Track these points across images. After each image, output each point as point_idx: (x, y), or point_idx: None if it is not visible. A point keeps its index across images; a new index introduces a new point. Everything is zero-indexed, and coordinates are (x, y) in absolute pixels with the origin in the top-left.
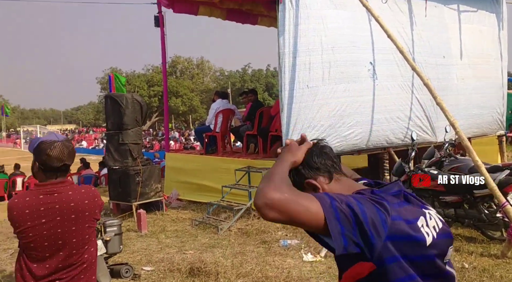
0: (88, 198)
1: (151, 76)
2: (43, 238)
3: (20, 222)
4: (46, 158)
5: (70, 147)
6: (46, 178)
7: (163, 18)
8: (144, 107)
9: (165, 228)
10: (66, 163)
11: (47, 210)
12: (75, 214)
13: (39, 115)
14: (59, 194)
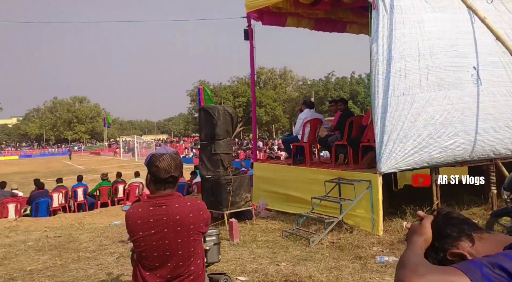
0: (193, 211)
1: (236, 88)
2: (153, 248)
3: (133, 231)
4: (155, 170)
5: (177, 160)
6: (156, 189)
7: (252, 31)
8: (234, 118)
9: (256, 237)
10: (173, 175)
11: (156, 221)
12: (180, 226)
13: (136, 126)
14: (166, 206)
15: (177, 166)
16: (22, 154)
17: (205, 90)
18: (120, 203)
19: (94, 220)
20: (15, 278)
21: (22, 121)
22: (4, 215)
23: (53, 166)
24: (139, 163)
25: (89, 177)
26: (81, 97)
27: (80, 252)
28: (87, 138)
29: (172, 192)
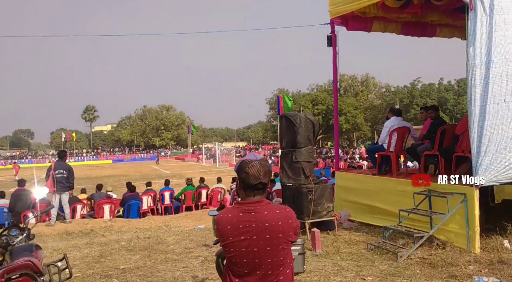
0: (282, 219)
1: (316, 95)
2: (242, 254)
3: (224, 236)
4: (245, 176)
5: (266, 167)
6: (245, 195)
7: (336, 37)
8: (316, 126)
9: (339, 249)
10: (262, 181)
11: (245, 227)
12: (269, 234)
13: (217, 133)
14: (255, 213)
15: (266, 172)
16: (115, 158)
17: (284, 98)
18: (203, 208)
19: (179, 223)
20: (110, 276)
21: (116, 128)
22: (100, 215)
23: (142, 170)
24: (220, 169)
25: (174, 182)
26: (168, 105)
27: (168, 254)
28: (173, 144)
29: (261, 199)
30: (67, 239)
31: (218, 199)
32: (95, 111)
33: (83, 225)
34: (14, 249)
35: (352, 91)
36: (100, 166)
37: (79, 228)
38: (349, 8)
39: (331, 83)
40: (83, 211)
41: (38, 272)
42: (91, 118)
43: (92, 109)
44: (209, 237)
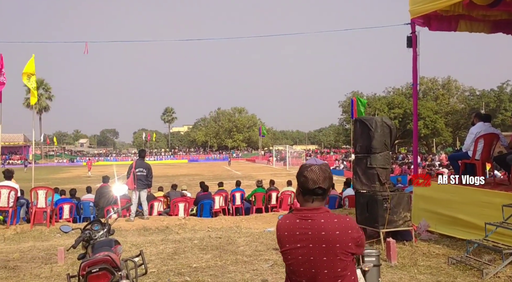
0: (340, 229)
1: (392, 98)
2: (299, 262)
3: (281, 243)
4: (303, 180)
5: (327, 172)
6: (304, 200)
7: (416, 38)
8: (393, 130)
9: (416, 261)
10: (322, 186)
11: (302, 235)
12: (325, 243)
13: (287, 136)
14: (312, 220)
15: (326, 178)
16: (190, 158)
17: (358, 101)
18: (273, 210)
19: (250, 224)
20: (183, 274)
21: (192, 129)
22: (175, 213)
23: (215, 171)
24: (290, 172)
25: (245, 183)
26: (240, 107)
27: (238, 255)
28: (244, 146)
29: (320, 206)
30: (144, 235)
31: (288, 203)
32: (173, 113)
33: (160, 222)
34: (96, 243)
35: (432, 94)
36: (176, 165)
37: (155, 224)
38: (431, 7)
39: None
40: (160, 208)
41: (116, 267)
42: (170, 119)
43: (170, 111)
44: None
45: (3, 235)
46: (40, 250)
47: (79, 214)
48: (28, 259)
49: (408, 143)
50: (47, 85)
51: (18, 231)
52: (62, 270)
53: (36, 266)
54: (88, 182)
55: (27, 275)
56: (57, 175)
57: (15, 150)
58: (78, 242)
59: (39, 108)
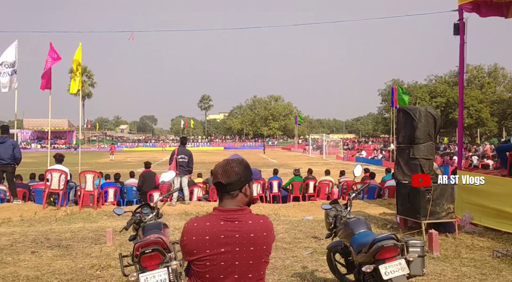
0: (266, 230)
1: (434, 87)
2: (220, 269)
3: (198, 249)
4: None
5: (231, 167)
6: (219, 199)
7: (464, 25)
8: (438, 120)
9: (460, 254)
10: (220, 181)
11: (227, 238)
12: (253, 246)
13: (324, 124)
14: (239, 222)
15: (226, 172)
16: (226, 145)
17: (398, 90)
18: (311, 199)
19: (288, 212)
20: None
21: (228, 117)
22: (214, 199)
23: (250, 158)
24: (327, 161)
25: (281, 171)
26: (276, 96)
27: (277, 242)
28: (280, 134)
29: (243, 207)
30: (185, 219)
31: (326, 192)
32: (210, 101)
33: (200, 207)
34: (146, 225)
35: (477, 82)
36: (213, 152)
37: (196, 209)
38: None
39: (452, 73)
40: (199, 194)
41: (167, 248)
42: (206, 107)
43: (207, 98)
44: (318, 229)
45: (55, 215)
46: (89, 231)
47: (122, 197)
48: (79, 239)
49: (450, 133)
50: (90, 72)
51: (68, 212)
52: (110, 250)
53: (86, 245)
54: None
55: (79, 254)
56: (100, 160)
57: (60, 134)
58: (130, 224)
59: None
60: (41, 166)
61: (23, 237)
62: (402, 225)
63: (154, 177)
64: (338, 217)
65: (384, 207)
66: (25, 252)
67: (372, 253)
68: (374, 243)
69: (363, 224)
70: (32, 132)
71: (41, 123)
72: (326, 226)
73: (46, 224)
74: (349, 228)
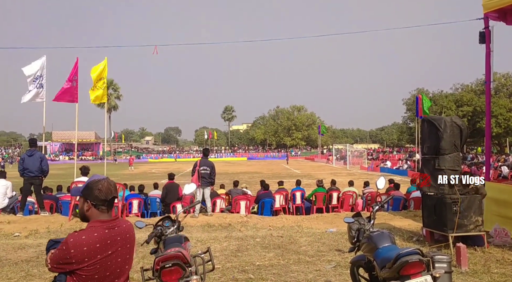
0: (132, 229)
1: (460, 96)
2: (107, 268)
3: (90, 256)
4: (98, 193)
5: (113, 182)
6: (100, 213)
7: (490, 33)
8: (464, 131)
9: (489, 268)
10: (115, 195)
11: (113, 242)
12: (129, 243)
13: (348, 134)
14: (118, 227)
15: (115, 187)
16: (249, 156)
17: (423, 99)
18: (334, 211)
19: (311, 224)
20: (247, 271)
21: (251, 127)
22: (237, 210)
23: (274, 169)
24: (350, 171)
25: (304, 182)
26: (299, 106)
27: (300, 255)
28: (303, 144)
29: (116, 215)
30: (208, 231)
31: (350, 203)
32: (233, 111)
33: (222, 219)
34: (167, 239)
35: (505, 91)
36: (236, 163)
37: (218, 221)
38: (508, 0)
39: (479, 82)
40: (222, 205)
41: (187, 262)
42: (229, 118)
43: (230, 109)
44: (341, 242)
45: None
46: None
47: (146, 209)
48: None
49: (478, 142)
50: (116, 85)
51: None
52: (133, 263)
53: None
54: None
55: None
56: (125, 171)
57: (87, 146)
58: (151, 237)
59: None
60: (68, 177)
61: None
62: (429, 238)
63: (177, 188)
64: (361, 230)
65: (410, 219)
66: None
67: (396, 269)
68: (398, 258)
69: (386, 238)
70: (61, 144)
71: (69, 136)
72: (349, 240)
73: None
74: (372, 242)
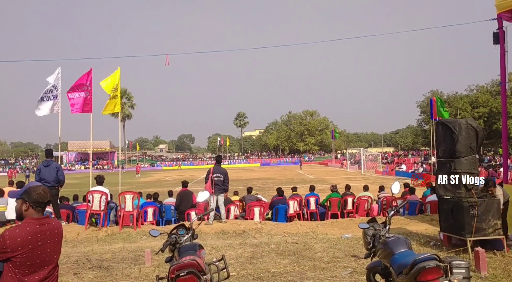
0: (61, 227)
1: (476, 97)
2: (37, 256)
3: (23, 246)
4: (37, 197)
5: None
6: (37, 212)
7: (504, 33)
8: (480, 133)
9: (510, 273)
10: (50, 199)
11: (42, 235)
12: (57, 237)
13: (361, 138)
14: (48, 224)
15: (49, 193)
16: (263, 162)
17: (438, 101)
18: (349, 216)
19: (326, 230)
20: (262, 278)
21: (263, 133)
22: (251, 217)
23: (287, 174)
24: (365, 176)
25: (318, 187)
26: (312, 110)
27: (316, 262)
28: (316, 149)
29: (47, 215)
30: (222, 238)
31: (365, 208)
32: (245, 118)
33: (237, 226)
34: (181, 247)
35: None
36: (249, 169)
37: (233, 228)
38: None
39: (494, 83)
40: (236, 212)
41: (202, 271)
42: (242, 124)
43: (242, 115)
44: (357, 247)
45: (96, 236)
46: (129, 251)
47: (161, 216)
48: (119, 260)
49: (494, 144)
50: (129, 94)
51: (109, 233)
52: (149, 271)
53: (126, 266)
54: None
55: (119, 275)
56: (140, 179)
57: (102, 155)
58: (166, 246)
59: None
60: (84, 187)
61: (66, 258)
62: (446, 243)
63: (191, 196)
64: (376, 236)
65: (426, 223)
66: (67, 274)
67: (413, 275)
68: (415, 264)
69: (403, 243)
70: (76, 154)
71: (84, 145)
72: (364, 246)
73: (88, 244)
74: (388, 247)
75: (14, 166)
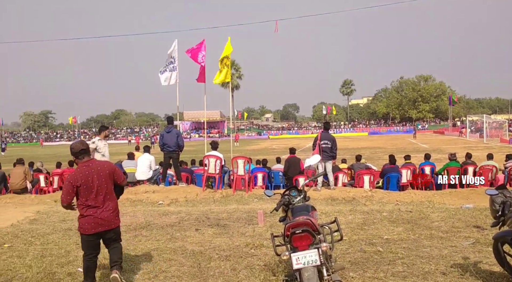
0: (103, 166)
1: None
2: (91, 188)
3: (78, 181)
4: (71, 150)
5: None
6: (79, 160)
7: None
8: None
9: None
10: (82, 148)
11: (90, 172)
12: (102, 172)
13: (484, 105)
14: (92, 164)
15: (82, 143)
16: (371, 131)
17: None
18: (469, 186)
19: (444, 200)
20: (375, 244)
21: (372, 101)
22: (360, 185)
23: (398, 144)
24: (488, 145)
25: (434, 157)
26: (426, 75)
27: (433, 230)
28: (431, 117)
29: (89, 158)
30: (332, 205)
31: (489, 178)
32: (352, 85)
33: (346, 193)
34: (294, 207)
35: None
36: (356, 138)
37: (342, 195)
38: None
39: None
40: (344, 179)
41: (316, 230)
42: (348, 92)
43: (349, 83)
44: (481, 218)
45: (213, 197)
46: (242, 212)
47: (270, 182)
48: (234, 219)
49: None
50: (238, 65)
51: (223, 194)
52: (262, 230)
53: (241, 225)
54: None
55: (235, 233)
56: (248, 147)
57: (213, 125)
58: (280, 205)
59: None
60: (199, 153)
61: (188, 215)
62: None
63: (298, 162)
64: (506, 203)
65: None
66: (190, 229)
67: None
68: None
69: None
70: (191, 123)
71: (198, 115)
72: (491, 214)
73: (206, 205)
74: None
75: (139, 134)
